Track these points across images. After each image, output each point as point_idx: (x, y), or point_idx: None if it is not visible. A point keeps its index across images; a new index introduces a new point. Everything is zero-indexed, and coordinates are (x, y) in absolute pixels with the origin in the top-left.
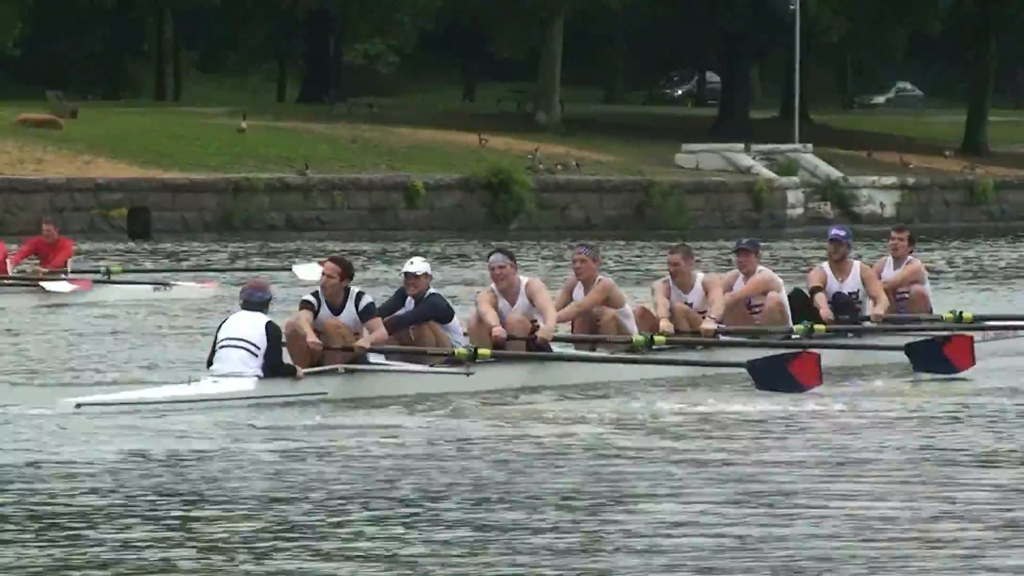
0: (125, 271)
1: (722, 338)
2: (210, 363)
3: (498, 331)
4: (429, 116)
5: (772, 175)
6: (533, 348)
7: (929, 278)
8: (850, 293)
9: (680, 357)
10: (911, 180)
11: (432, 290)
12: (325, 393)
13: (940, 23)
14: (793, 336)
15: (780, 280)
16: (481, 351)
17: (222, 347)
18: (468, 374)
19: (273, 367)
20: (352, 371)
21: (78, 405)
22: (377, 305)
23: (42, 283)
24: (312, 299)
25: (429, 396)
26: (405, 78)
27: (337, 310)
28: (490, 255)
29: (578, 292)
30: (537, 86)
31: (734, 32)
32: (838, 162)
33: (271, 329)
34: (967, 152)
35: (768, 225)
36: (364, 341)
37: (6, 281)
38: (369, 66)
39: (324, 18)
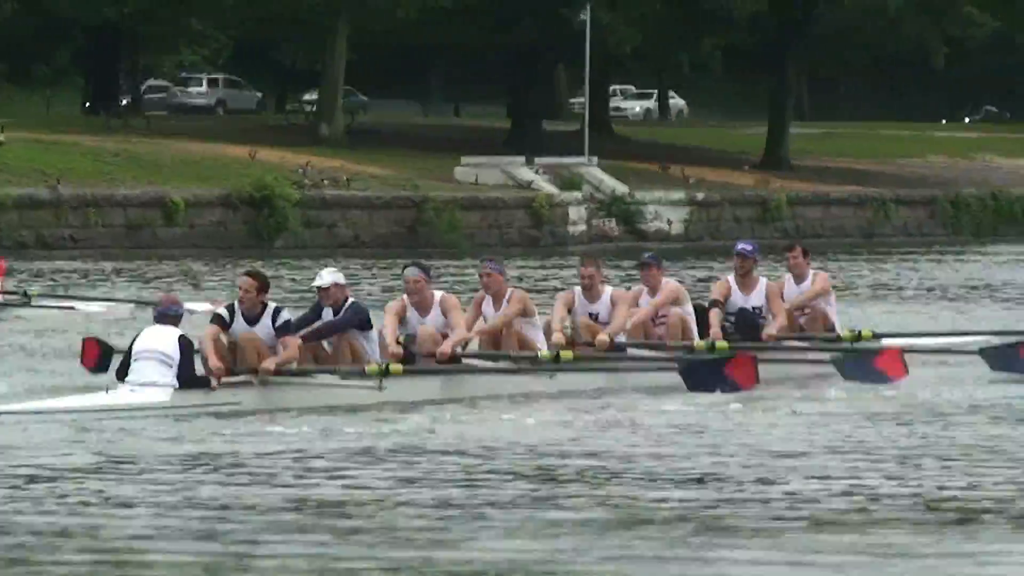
0: (41, 294)
1: (631, 351)
2: (123, 375)
3: (395, 350)
4: (210, 129)
5: (554, 190)
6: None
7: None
8: (754, 308)
9: (593, 366)
10: (700, 196)
11: (351, 299)
12: (239, 404)
13: (737, 37)
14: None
15: (685, 293)
16: (393, 367)
17: (136, 359)
18: (380, 388)
19: (187, 378)
20: (266, 382)
21: None
22: (294, 320)
23: None
24: (224, 312)
25: (341, 408)
26: None
27: (253, 322)
28: (405, 267)
29: (487, 307)
30: (320, 98)
31: (526, 43)
32: (629, 177)
33: (184, 342)
34: (768, 166)
35: (549, 242)
36: (270, 362)
37: None
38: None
39: (110, 30)
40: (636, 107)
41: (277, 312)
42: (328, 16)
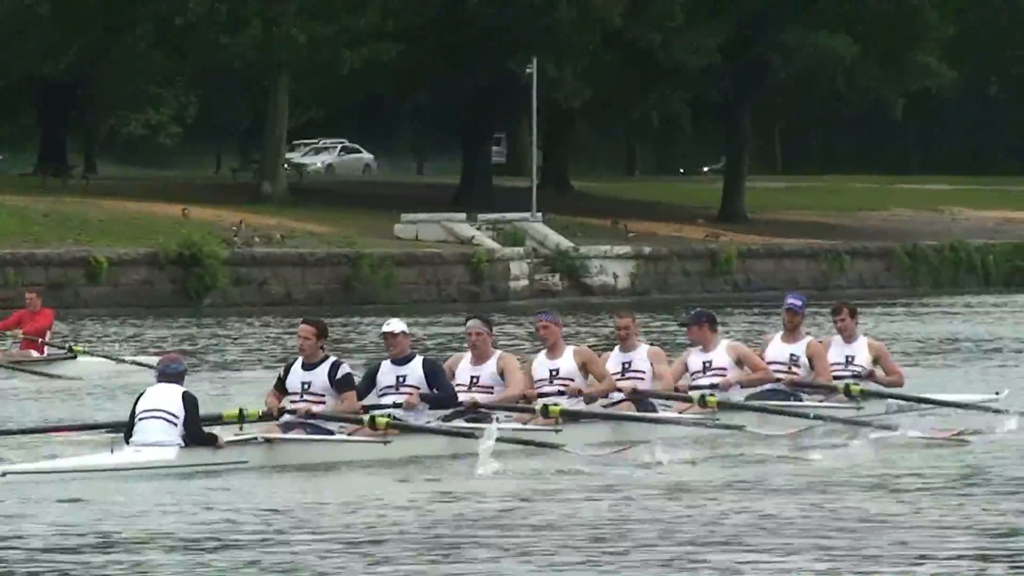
0: (85, 352)
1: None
2: (129, 435)
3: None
4: (153, 189)
5: (495, 245)
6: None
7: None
8: (792, 356)
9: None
10: (647, 250)
11: (421, 354)
12: (246, 462)
13: (693, 90)
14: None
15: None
16: (379, 419)
17: (141, 419)
18: (386, 443)
19: (193, 436)
20: (271, 440)
21: (3, 474)
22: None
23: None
24: (281, 372)
25: (347, 463)
26: (188, 148)
27: (311, 368)
28: (467, 320)
29: (541, 359)
30: (262, 156)
31: (473, 98)
32: (577, 232)
33: (188, 399)
34: (724, 219)
35: (490, 298)
36: (318, 407)
37: None
38: (151, 137)
39: (62, 90)
40: (317, 163)
41: (337, 367)
42: (268, 72)
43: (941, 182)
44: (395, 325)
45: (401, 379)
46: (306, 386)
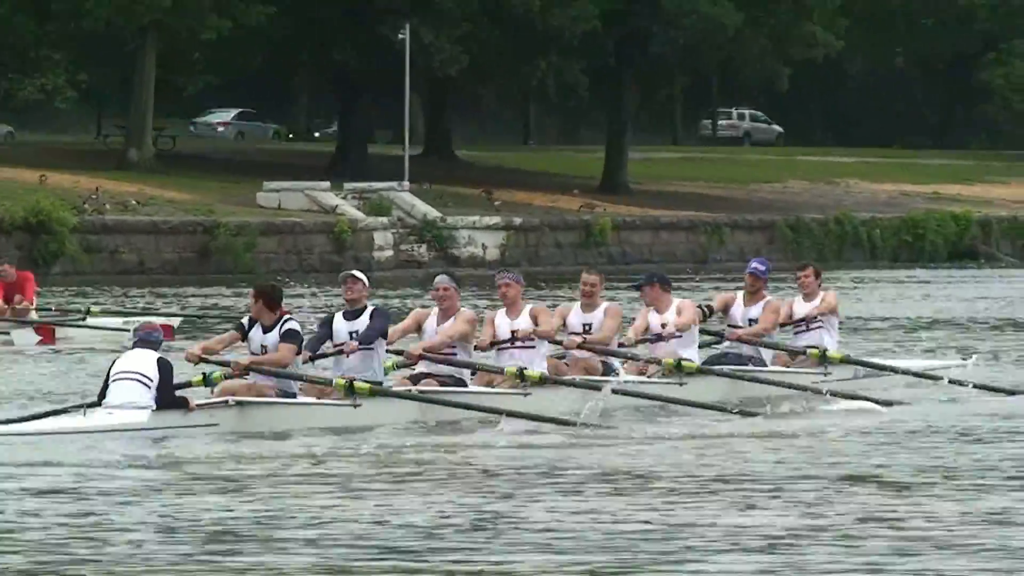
0: (104, 313)
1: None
2: (102, 396)
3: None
4: (17, 155)
5: (359, 215)
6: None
7: None
8: (750, 320)
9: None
10: (518, 220)
11: (373, 305)
12: (216, 425)
13: (570, 61)
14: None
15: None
16: (358, 384)
17: (115, 380)
18: (355, 406)
19: (166, 400)
20: (241, 403)
21: None
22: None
23: (12, 332)
24: (245, 322)
25: (317, 428)
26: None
27: (268, 330)
28: (436, 277)
29: (500, 319)
30: (129, 122)
31: (346, 64)
32: (448, 201)
33: (163, 364)
34: (605, 190)
35: (352, 268)
36: (247, 358)
37: None
38: (46, 102)
39: None
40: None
41: (286, 322)
42: (134, 37)
43: (846, 155)
44: (356, 272)
45: (353, 334)
46: (264, 349)
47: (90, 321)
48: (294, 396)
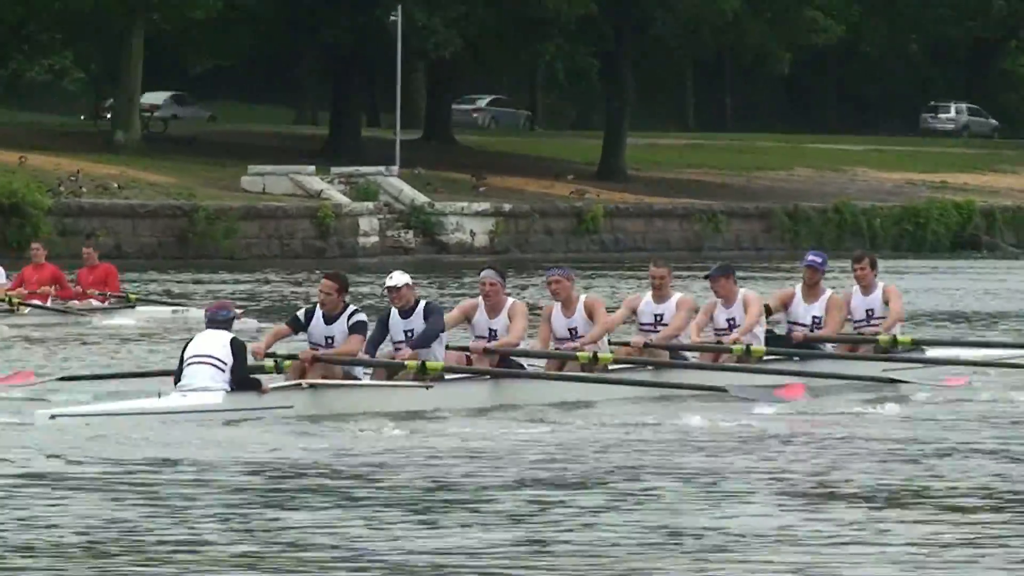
0: (140, 298)
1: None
2: (177, 380)
3: (475, 346)
4: (6, 136)
5: (345, 200)
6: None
7: None
8: (815, 318)
9: (643, 379)
10: (507, 207)
11: (424, 300)
12: (291, 407)
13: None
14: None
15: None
16: (430, 364)
17: (190, 364)
18: (427, 387)
19: (240, 381)
20: (316, 386)
21: (53, 416)
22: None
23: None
24: (301, 315)
25: (391, 411)
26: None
27: (331, 321)
28: (482, 270)
29: (556, 313)
30: (115, 104)
31: (337, 46)
32: (439, 187)
33: (236, 345)
34: (603, 177)
35: (336, 254)
36: (321, 352)
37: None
38: (56, 82)
39: None
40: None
41: (353, 313)
42: (121, 18)
43: (857, 143)
44: (397, 279)
45: (409, 333)
46: (329, 340)
47: (139, 309)
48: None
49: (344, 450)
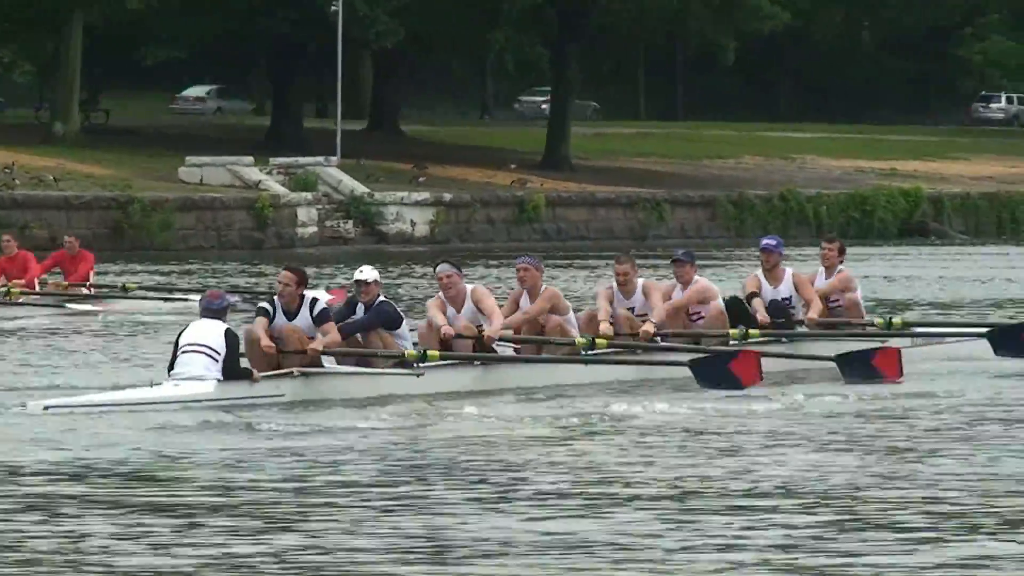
0: (139, 287)
1: (661, 342)
2: (171, 368)
3: (446, 329)
4: None
5: (283, 190)
6: (480, 350)
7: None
8: (783, 299)
9: (624, 357)
10: (448, 196)
11: (382, 298)
12: (283, 395)
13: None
14: (731, 342)
15: (716, 289)
16: (430, 352)
17: (184, 352)
18: (418, 375)
19: (232, 371)
20: (307, 374)
21: (46, 408)
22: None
23: (67, 303)
24: (268, 307)
25: (381, 397)
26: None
27: (292, 315)
28: (437, 265)
29: (524, 301)
30: (55, 95)
31: (279, 36)
32: (380, 176)
33: (230, 335)
34: (547, 166)
35: (274, 245)
36: (317, 344)
37: (32, 297)
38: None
39: None
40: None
41: (314, 303)
42: (61, 9)
43: (809, 130)
44: (367, 273)
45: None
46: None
47: (132, 297)
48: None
49: (330, 439)
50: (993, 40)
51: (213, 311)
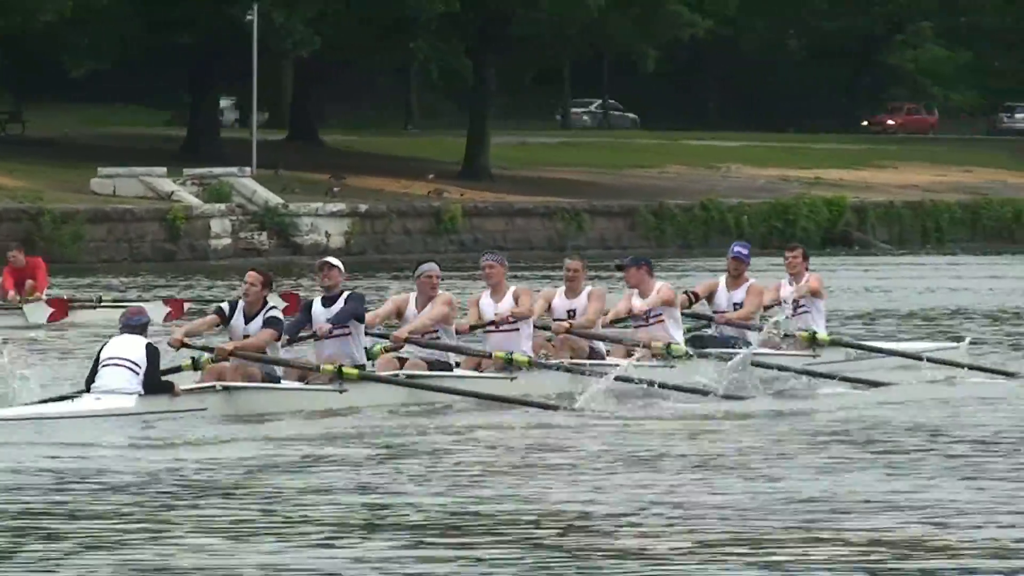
0: (116, 301)
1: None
2: (90, 382)
3: (398, 334)
4: None
5: (196, 202)
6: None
7: None
8: (735, 305)
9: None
10: (363, 207)
11: (348, 291)
12: (205, 409)
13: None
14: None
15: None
16: (347, 371)
17: (105, 366)
18: (341, 391)
19: (153, 385)
20: (229, 388)
21: None
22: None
23: (24, 307)
24: (225, 307)
25: (303, 412)
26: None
27: (251, 318)
28: (419, 264)
29: (486, 300)
30: None
31: (194, 46)
32: (295, 187)
33: (150, 349)
34: (466, 176)
35: (187, 256)
36: (228, 344)
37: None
38: None
39: None
40: None
41: (270, 309)
42: None
43: (735, 139)
44: (333, 259)
45: (331, 319)
46: (247, 338)
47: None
48: (278, 379)
49: (251, 454)
50: (925, 48)
51: (133, 327)
